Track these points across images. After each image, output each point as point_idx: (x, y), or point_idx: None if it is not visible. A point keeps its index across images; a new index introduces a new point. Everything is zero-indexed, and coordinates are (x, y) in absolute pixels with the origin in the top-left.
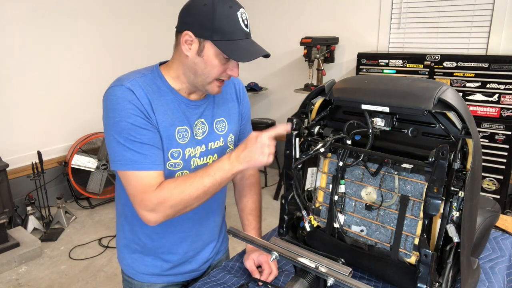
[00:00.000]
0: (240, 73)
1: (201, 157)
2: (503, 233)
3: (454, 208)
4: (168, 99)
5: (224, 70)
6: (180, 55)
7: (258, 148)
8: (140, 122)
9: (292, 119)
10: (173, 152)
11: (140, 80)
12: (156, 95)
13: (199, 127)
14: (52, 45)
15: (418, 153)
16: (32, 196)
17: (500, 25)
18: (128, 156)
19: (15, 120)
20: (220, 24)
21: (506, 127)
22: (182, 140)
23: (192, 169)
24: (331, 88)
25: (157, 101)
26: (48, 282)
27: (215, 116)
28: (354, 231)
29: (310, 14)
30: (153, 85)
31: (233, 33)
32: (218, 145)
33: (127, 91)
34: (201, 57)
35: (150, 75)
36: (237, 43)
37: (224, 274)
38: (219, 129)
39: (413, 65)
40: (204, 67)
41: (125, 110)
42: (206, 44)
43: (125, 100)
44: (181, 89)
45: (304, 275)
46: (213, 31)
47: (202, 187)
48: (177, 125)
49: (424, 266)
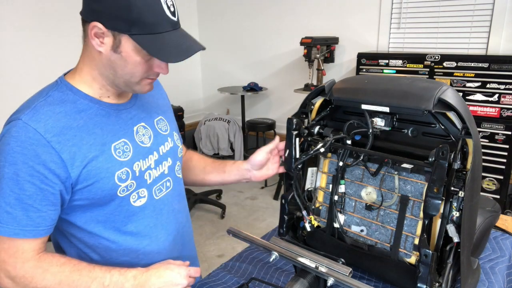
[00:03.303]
0: (239, 73)
1: (156, 166)
2: (503, 233)
3: (454, 208)
4: (91, 113)
5: (150, 67)
6: (90, 51)
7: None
8: (27, 172)
9: (291, 120)
10: (119, 175)
11: (45, 103)
12: (70, 117)
13: (143, 132)
14: (53, 45)
15: (418, 153)
16: None
17: (500, 25)
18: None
19: None
20: (139, 14)
21: (506, 127)
22: (124, 157)
23: (149, 185)
24: (331, 88)
25: (74, 125)
26: None
27: (152, 116)
28: (354, 231)
29: (310, 14)
30: (63, 104)
31: (157, 25)
32: (168, 147)
33: (24, 128)
34: (118, 53)
35: (57, 93)
36: (163, 37)
37: (224, 274)
38: (162, 129)
39: (413, 65)
40: (125, 65)
41: (13, 154)
42: (123, 38)
43: (18, 140)
44: (102, 95)
45: (304, 275)
46: (131, 23)
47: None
48: (111, 141)
49: (424, 266)
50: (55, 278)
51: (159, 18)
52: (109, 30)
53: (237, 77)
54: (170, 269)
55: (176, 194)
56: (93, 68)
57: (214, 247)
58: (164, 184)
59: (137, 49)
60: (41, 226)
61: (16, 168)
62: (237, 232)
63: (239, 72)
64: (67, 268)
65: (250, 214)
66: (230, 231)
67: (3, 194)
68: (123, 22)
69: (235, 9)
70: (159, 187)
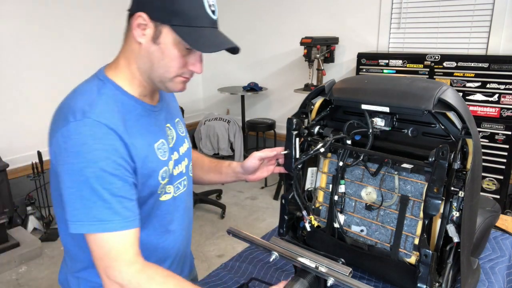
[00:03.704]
0: (239, 73)
1: (176, 166)
2: (503, 233)
3: (454, 208)
4: (137, 113)
5: (185, 64)
6: (130, 44)
7: None
8: (111, 167)
9: (291, 120)
10: (162, 174)
11: (104, 102)
12: (124, 117)
13: (169, 133)
14: (53, 45)
15: (418, 153)
16: (32, 196)
17: (500, 25)
18: (93, 214)
19: (15, 120)
20: (181, 5)
21: (506, 127)
22: (164, 156)
23: (174, 179)
24: (331, 88)
25: (130, 122)
26: (48, 282)
27: (174, 116)
28: (354, 231)
29: (310, 14)
30: (117, 102)
31: (197, 19)
32: (186, 148)
33: (96, 125)
34: (157, 44)
35: (107, 91)
36: (201, 31)
37: (224, 274)
38: (180, 131)
39: (413, 65)
40: (162, 58)
41: (93, 152)
42: (164, 29)
43: (94, 138)
44: (141, 94)
45: (304, 275)
46: (173, 14)
47: None
48: (154, 141)
49: (424, 266)
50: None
51: (199, 13)
52: (152, 20)
53: (237, 77)
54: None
55: (189, 192)
56: (132, 62)
57: (214, 247)
58: (182, 183)
59: (175, 42)
60: (137, 215)
61: (100, 165)
62: (237, 232)
63: (239, 72)
64: (171, 281)
65: (250, 214)
66: (230, 231)
67: (97, 192)
68: (165, 13)
69: (235, 9)
70: (177, 185)
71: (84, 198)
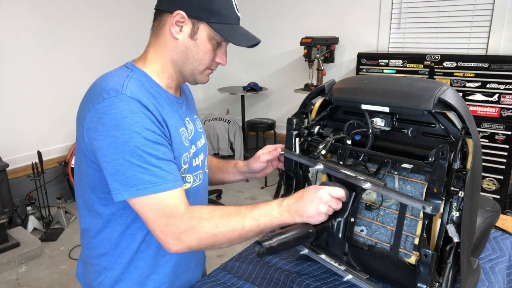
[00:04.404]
0: (239, 73)
1: (194, 158)
2: (503, 233)
3: (454, 208)
4: (163, 100)
5: (215, 56)
6: (164, 39)
7: (315, 204)
8: (153, 136)
9: (291, 120)
10: (184, 158)
11: (134, 84)
12: (154, 97)
13: (188, 126)
14: (53, 45)
15: (418, 153)
16: (32, 196)
17: (500, 25)
18: (146, 178)
19: (15, 120)
20: (218, 6)
21: (506, 127)
22: (186, 143)
23: (192, 170)
24: (331, 88)
25: (159, 104)
26: (48, 282)
27: (193, 112)
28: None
29: (310, 14)
30: (145, 87)
31: (229, 17)
32: (202, 143)
33: (130, 101)
34: (194, 40)
35: (136, 76)
36: (233, 27)
37: (224, 274)
38: (198, 126)
39: (413, 65)
40: (197, 52)
41: (134, 124)
42: (201, 26)
43: (132, 111)
44: (167, 86)
45: None
46: (211, 13)
47: (240, 229)
48: (179, 126)
49: (424, 266)
50: (211, 223)
51: (230, 11)
52: (190, 18)
53: (237, 77)
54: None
55: (205, 186)
56: (165, 56)
57: None
58: (198, 176)
59: (209, 37)
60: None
61: (143, 135)
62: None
63: (239, 72)
64: (217, 212)
65: None
66: None
67: (145, 159)
68: (204, 12)
69: None
70: (194, 177)
71: (134, 165)
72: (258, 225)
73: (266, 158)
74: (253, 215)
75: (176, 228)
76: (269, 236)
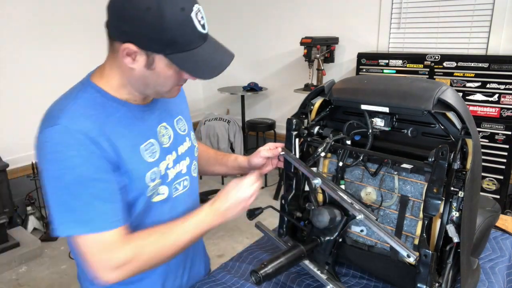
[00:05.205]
0: (239, 73)
1: (175, 165)
2: (503, 233)
3: (454, 208)
4: (120, 115)
5: (181, 76)
6: (120, 64)
7: (241, 203)
8: (88, 171)
9: (291, 120)
10: (150, 176)
11: (78, 106)
12: (102, 120)
13: (163, 133)
14: (53, 45)
15: (418, 153)
16: (32, 196)
17: (500, 25)
18: (76, 216)
19: (15, 120)
20: (172, 35)
21: (506, 127)
22: (152, 158)
23: (168, 183)
24: (331, 88)
25: (109, 125)
26: (48, 282)
27: (173, 115)
28: (354, 231)
29: (310, 14)
30: (95, 105)
31: (190, 43)
32: (186, 147)
33: (66, 132)
34: (152, 69)
35: (86, 95)
36: (195, 53)
37: (224, 274)
38: (181, 129)
39: (413, 65)
40: (157, 79)
41: (69, 158)
42: (156, 57)
43: (67, 145)
44: (129, 99)
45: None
46: (165, 45)
47: (177, 245)
48: (140, 142)
49: (424, 266)
50: (150, 248)
51: (191, 36)
52: (143, 50)
53: (237, 77)
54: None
55: (192, 193)
56: (123, 78)
57: (214, 247)
58: (182, 183)
59: (168, 65)
60: (120, 216)
61: (78, 170)
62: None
63: (239, 72)
64: (153, 237)
65: None
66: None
67: (78, 197)
68: (157, 44)
69: (235, 9)
70: (175, 186)
71: (65, 203)
72: (191, 236)
73: (266, 155)
74: (185, 229)
75: (118, 260)
76: (264, 264)
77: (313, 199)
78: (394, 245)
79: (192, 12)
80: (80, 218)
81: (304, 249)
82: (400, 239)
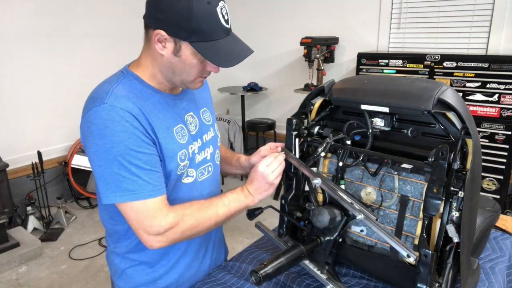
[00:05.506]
0: (239, 73)
1: (200, 152)
2: (503, 233)
3: (454, 208)
4: (155, 100)
5: (204, 67)
6: (152, 51)
7: (263, 181)
8: (135, 144)
9: (291, 120)
10: (181, 155)
11: (120, 89)
12: (140, 103)
13: (190, 121)
14: (54, 46)
15: (418, 153)
16: (32, 196)
17: (500, 25)
18: (124, 186)
19: (15, 120)
20: (198, 24)
21: (506, 127)
22: (183, 140)
23: (196, 165)
24: (331, 88)
25: (146, 107)
26: (48, 282)
27: (199, 107)
28: (354, 231)
29: (310, 14)
30: (135, 90)
31: (213, 33)
32: (210, 136)
33: (112, 110)
34: (179, 57)
35: (126, 81)
36: (218, 44)
37: (224, 274)
38: (206, 120)
39: (413, 65)
40: (183, 67)
41: (115, 133)
42: (183, 44)
43: (113, 121)
44: (161, 87)
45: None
46: (191, 32)
47: (215, 217)
48: (173, 125)
49: (424, 266)
50: (192, 217)
51: (215, 27)
52: (171, 37)
53: (237, 77)
54: (261, 176)
55: (215, 178)
56: (154, 66)
57: None
58: (206, 169)
59: (194, 53)
60: (163, 184)
61: (124, 144)
62: (263, 227)
63: (239, 72)
64: (195, 207)
65: None
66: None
67: (125, 167)
68: (183, 31)
69: (235, 9)
70: (201, 170)
71: (114, 173)
72: (229, 210)
73: (266, 154)
74: (224, 202)
75: (160, 228)
76: (264, 264)
77: (313, 199)
78: (394, 245)
79: (217, 7)
80: (127, 187)
81: (304, 249)
82: (400, 239)
